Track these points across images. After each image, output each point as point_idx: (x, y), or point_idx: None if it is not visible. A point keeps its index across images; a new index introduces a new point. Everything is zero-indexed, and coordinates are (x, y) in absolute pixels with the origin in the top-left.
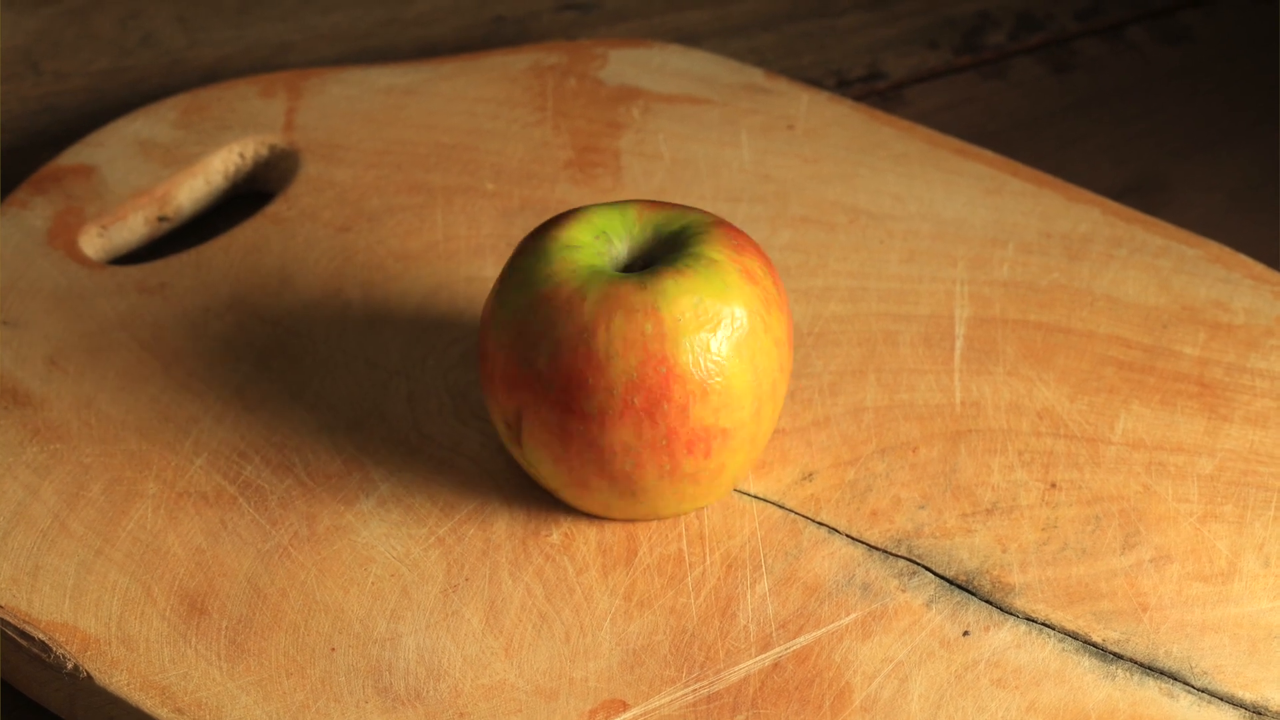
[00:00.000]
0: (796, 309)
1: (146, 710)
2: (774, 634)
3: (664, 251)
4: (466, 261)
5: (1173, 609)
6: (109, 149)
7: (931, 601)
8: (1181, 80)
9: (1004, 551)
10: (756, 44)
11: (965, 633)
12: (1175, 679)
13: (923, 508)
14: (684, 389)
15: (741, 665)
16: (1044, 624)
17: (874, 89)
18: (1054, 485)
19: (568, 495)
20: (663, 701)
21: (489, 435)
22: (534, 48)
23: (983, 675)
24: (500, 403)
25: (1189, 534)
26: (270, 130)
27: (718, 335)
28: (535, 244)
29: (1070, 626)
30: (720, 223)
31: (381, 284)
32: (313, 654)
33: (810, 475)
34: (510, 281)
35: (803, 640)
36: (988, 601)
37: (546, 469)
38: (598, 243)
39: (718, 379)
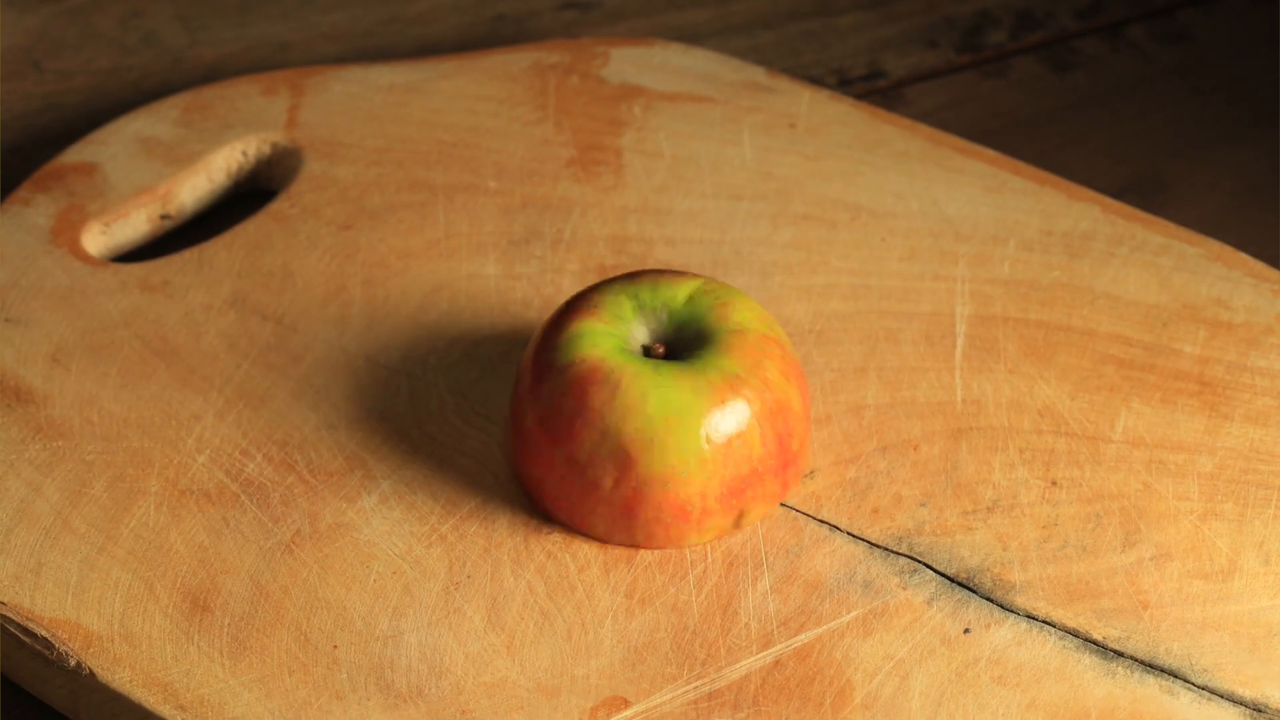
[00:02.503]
0: (798, 306)
1: (149, 707)
2: (775, 631)
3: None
4: (468, 259)
5: (1173, 607)
6: (111, 147)
7: (932, 599)
8: (1181, 79)
9: (1005, 549)
10: (758, 42)
11: (966, 630)
12: (1175, 676)
13: (924, 505)
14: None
15: (743, 662)
16: (1045, 621)
17: (875, 88)
18: (1055, 483)
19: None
20: (664, 699)
21: (490, 433)
22: (535, 46)
23: (983, 673)
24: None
25: (1189, 532)
26: (272, 128)
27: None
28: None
29: (1071, 624)
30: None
31: (383, 281)
32: (315, 651)
33: (811, 473)
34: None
35: (804, 638)
36: (988, 599)
37: None
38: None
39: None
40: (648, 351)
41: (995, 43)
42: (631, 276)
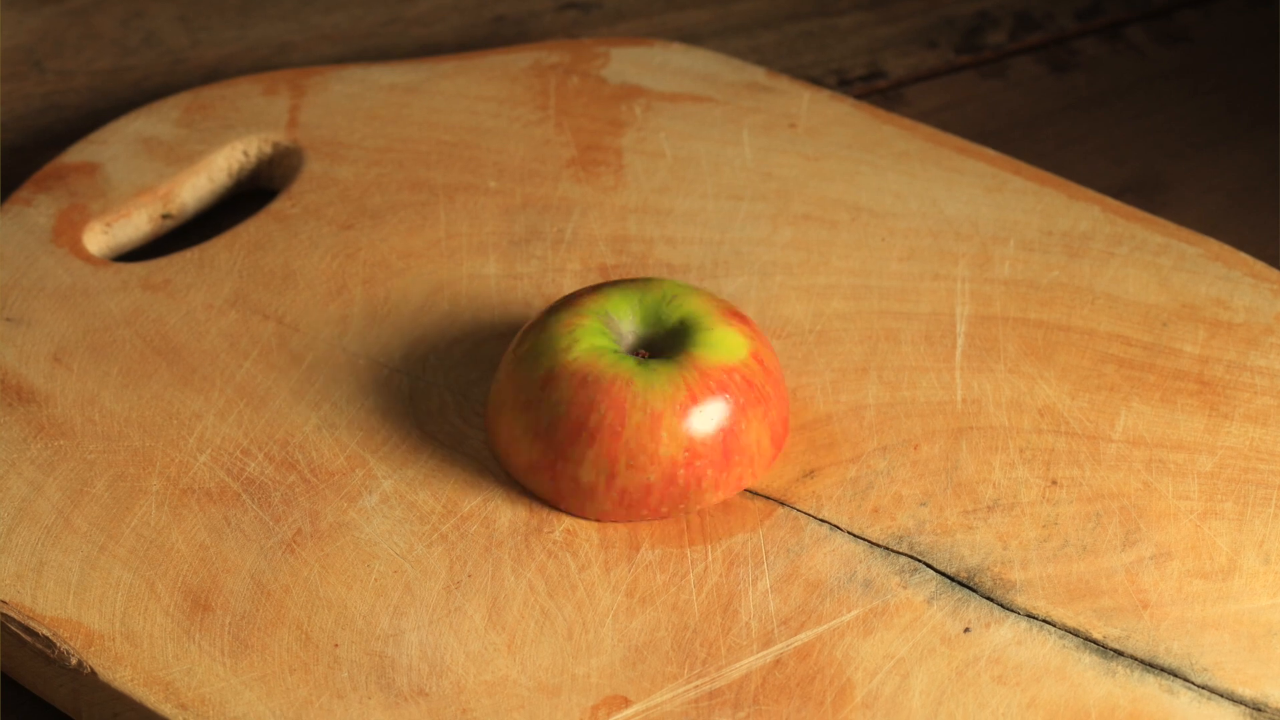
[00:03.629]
0: (798, 306)
1: (150, 706)
2: (775, 630)
3: (668, 342)
4: (469, 259)
5: (1173, 606)
6: (113, 147)
7: (933, 598)
8: (1180, 80)
9: (1005, 548)
10: (757, 43)
11: (966, 629)
12: (1175, 676)
13: (924, 505)
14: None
15: (743, 662)
16: (1045, 621)
17: (874, 88)
18: (1055, 482)
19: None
20: (664, 698)
21: None
22: (536, 46)
23: (983, 672)
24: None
25: (1189, 531)
26: (274, 128)
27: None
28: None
29: (1071, 623)
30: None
31: (384, 281)
32: (316, 650)
33: (812, 472)
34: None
35: (804, 637)
36: (989, 598)
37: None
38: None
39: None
40: (635, 353)
41: (995, 43)
42: (612, 284)
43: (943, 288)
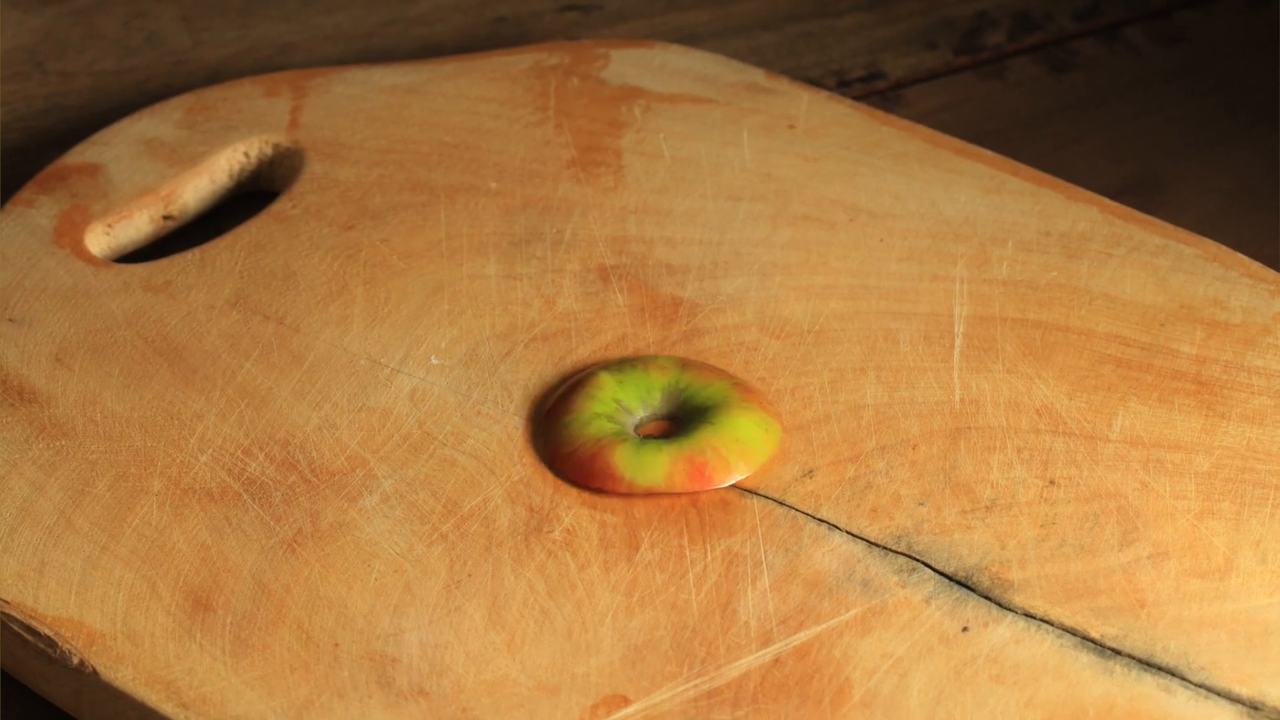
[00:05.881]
0: (797, 307)
1: (151, 705)
2: (774, 630)
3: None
4: (469, 259)
5: (1170, 605)
6: (114, 148)
7: (931, 598)
8: (1179, 81)
9: (1003, 548)
10: (757, 44)
11: (964, 629)
12: (1172, 674)
13: (922, 504)
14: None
15: (742, 661)
16: (1042, 620)
17: (874, 89)
18: (1052, 482)
19: None
20: (663, 697)
21: (491, 433)
22: (536, 48)
23: (981, 671)
24: None
25: (1186, 530)
26: (275, 129)
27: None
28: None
29: (1069, 622)
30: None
31: (385, 281)
32: (317, 649)
33: (811, 472)
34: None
35: (803, 636)
36: (987, 598)
37: None
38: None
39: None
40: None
41: (994, 44)
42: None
43: (941, 288)
